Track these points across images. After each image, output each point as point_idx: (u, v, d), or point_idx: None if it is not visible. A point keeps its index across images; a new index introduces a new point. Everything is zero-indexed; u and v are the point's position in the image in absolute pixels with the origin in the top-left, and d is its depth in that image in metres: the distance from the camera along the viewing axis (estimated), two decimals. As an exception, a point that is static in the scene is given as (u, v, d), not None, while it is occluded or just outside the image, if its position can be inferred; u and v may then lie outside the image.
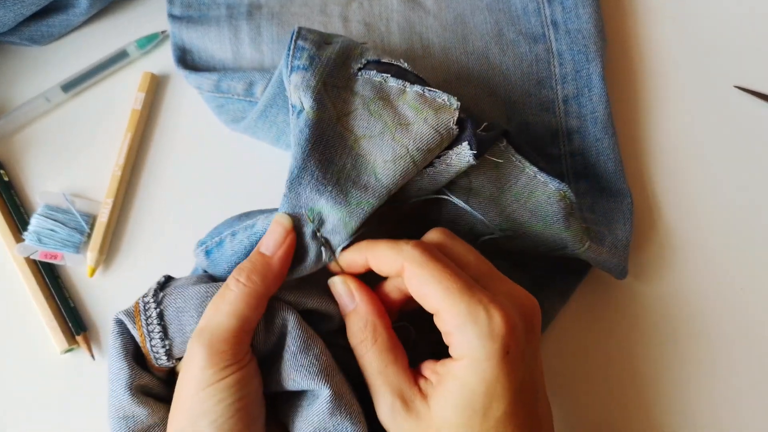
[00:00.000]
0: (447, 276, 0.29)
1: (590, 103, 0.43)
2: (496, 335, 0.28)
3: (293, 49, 0.35)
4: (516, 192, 0.35)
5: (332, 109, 0.34)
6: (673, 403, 0.41)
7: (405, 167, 0.32)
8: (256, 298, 0.30)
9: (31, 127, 0.46)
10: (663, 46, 0.47)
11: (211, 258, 0.34)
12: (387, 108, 0.34)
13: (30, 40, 0.45)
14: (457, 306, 0.29)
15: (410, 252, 0.30)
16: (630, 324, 0.42)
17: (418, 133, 0.33)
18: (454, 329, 0.29)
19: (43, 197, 0.44)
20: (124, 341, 0.32)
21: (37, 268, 0.43)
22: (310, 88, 0.33)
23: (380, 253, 0.31)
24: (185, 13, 0.46)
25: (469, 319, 0.29)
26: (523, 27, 0.45)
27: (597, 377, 0.41)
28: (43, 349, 0.42)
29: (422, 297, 0.30)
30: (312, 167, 0.32)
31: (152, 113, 0.46)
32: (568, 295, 0.41)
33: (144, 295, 0.33)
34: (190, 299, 0.32)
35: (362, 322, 0.31)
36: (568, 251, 0.36)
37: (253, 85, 0.41)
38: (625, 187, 0.42)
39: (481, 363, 0.28)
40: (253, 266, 0.31)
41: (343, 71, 0.35)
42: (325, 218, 0.32)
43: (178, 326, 0.31)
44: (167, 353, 0.31)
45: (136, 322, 0.32)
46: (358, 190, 0.32)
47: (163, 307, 0.32)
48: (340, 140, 0.33)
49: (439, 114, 0.33)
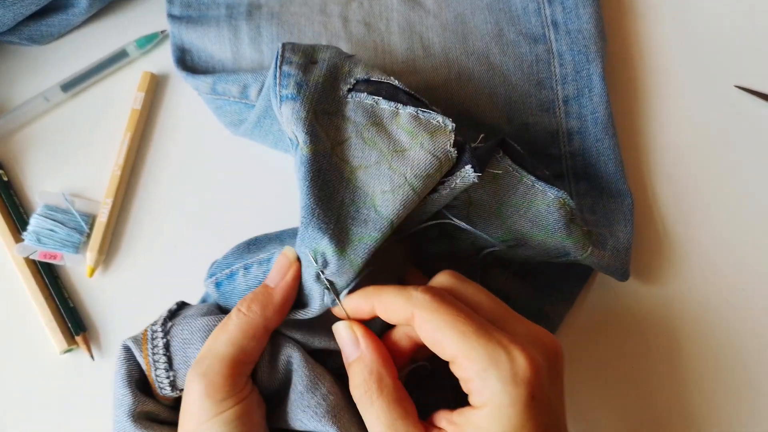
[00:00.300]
0: (461, 319, 0.28)
1: (590, 104, 0.43)
2: (520, 380, 0.26)
3: (279, 76, 0.34)
4: (515, 202, 0.34)
5: (326, 139, 0.33)
6: (677, 405, 0.41)
7: (405, 197, 0.31)
8: (254, 327, 0.30)
9: (30, 126, 0.45)
10: (663, 45, 0.47)
11: (221, 290, 0.34)
12: (381, 134, 0.33)
13: (29, 39, 0.45)
14: (476, 350, 0.27)
15: (420, 297, 0.29)
16: (633, 326, 0.42)
17: (415, 160, 0.32)
18: (474, 375, 0.27)
19: (42, 197, 0.44)
20: (129, 368, 0.32)
21: (36, 268, 0.43)
22: (300, 120, 0.32)
23: (388, 299, 0.30)
24: (185, 13, 0.45)
25: (490, 363, 0.27)
26: (524, 27, 0.45)
27: (601, 380, 0.41)
28: (42, 349, 0.42)
29: (436, 344, 0.28)
30: (313, 205, 0.31)
31: (152, 113, 0.46)
32: (572, 300, 0.41)
33: (153, 322, 0.33)
34: (197, 331, 0.32)
35: (367, 372, 0.29)
36: (570, 258, 0.36)
37: (247, 88, 0.41)
38: (625, 187, 0.42)
39: (505, 410, 0.26)
40: (254, 296, 0.31)
41: (332, 94, 0.34)
42: (329, 259, 0.30)
43: (183, 358, 0.31)
44: (171, 384, 0.31)
45: (143, 350, 0.32)
46: (358, 225, 0.31)
47: (169, 338, 0.32)
48: (336, 173, 0.32)
49: (435, 138, 0.32)
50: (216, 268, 0.35)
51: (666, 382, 0.41)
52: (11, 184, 0.44)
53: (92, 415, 0.41)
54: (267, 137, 0.41)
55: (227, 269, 0.34)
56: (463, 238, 0.36)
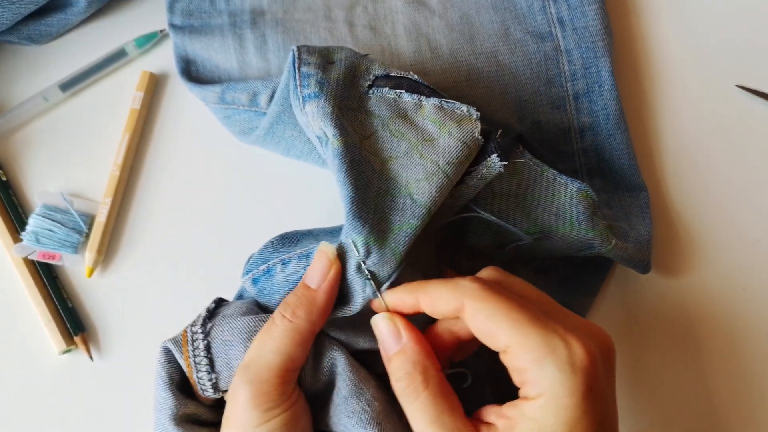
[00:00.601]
0: (515, 307, 0.27)
1: (601, 100, 0.43)
2: (578, 368, 0.26)
3: (299, 77, 0.33)
4: (538, 195, 0.35)
5: (353, 133, 0.33)
6: (697, 399, 0.41)
7: (439, 183, 0.31)
8: (302, 334, 0.29)
9: (29, 126, 0.45)
10: (665, 45, 0.47)
11: (259, 287, 0.33)
12: (408, 126, 0.33)
13: (28, 39, 0.45)
14: (532, 338, 0.26)
15: (470, 286, 0.28)
16: (654, 318, 0.42)
17: (446, 147, 0.32)
18: (530, 363, 0.26)
19: (41, 197, 0.43)
20: (170, 370, 0.31)
21: (35, 269, 0.43)
22: (327, 115, 0.32)
23: (435, 291, 0.29)
24: (186, 22, 0.45)
25: (547, 351, 0.26)
26: (530, 26, 0.45)
27: (623, 375, 0.41)
28: (41, 350, 0.42)
29: (489, 334, 0.27)
30: (353, 194, 0.30)
31: (151, 113, 0.45)
32: (594, 292, 0.41)
33: (193, 323, 0.32)
34: (238, 332, 0.31)
35: (410, 364, 0.28)
36: (594, 251, 0.36)
37: (257, 95, 0.41)
38: (640, 181, 0.42)
39: (562, 400, 0.25)
40: (298, 301, 0.30)
41: (353, 91, 0.34)
42: (371, 248, 0.30)
43: (224, 360, 0.31)
44: (213, 386, 0.31)
45: (184, 351, 0.31)
46: (397, 214, 0.31)
47: (210, 339, 0.31)
48: (368, 165, 0.32)
49: (462, 126, 0.33)
50: (252, 264, 0.34)
51: (687, 375, 0.41)
52: (10, 184, 0.44)
53: (90, 416, 0.41)
54: (279, 144, 0.41)
55: (264, 265, 0.33)
56: (485, 234, 0.36)
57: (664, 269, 0.43)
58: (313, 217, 0.43)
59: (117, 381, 0.42)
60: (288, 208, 0.44)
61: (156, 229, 0.44)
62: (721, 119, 0.45)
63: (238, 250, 0.43)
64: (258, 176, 0.44)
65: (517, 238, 0.35)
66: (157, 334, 0.42)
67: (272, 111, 0.38)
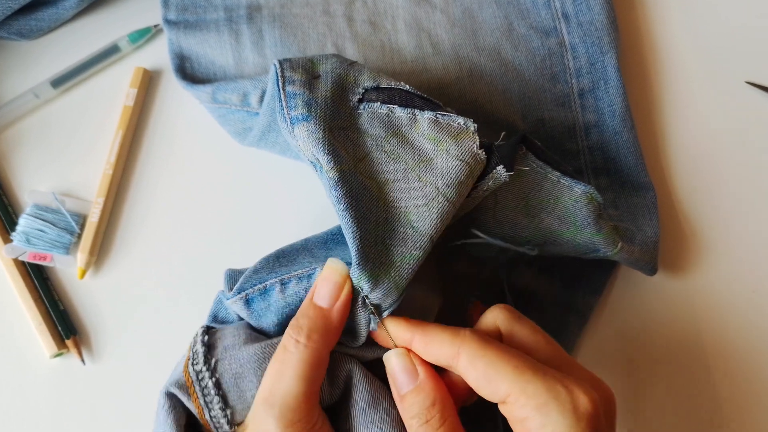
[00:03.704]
0: (515, 355, 0.27)
1: (607, 96, 0.43)
2: (582, 414, 0.25)
3: (284, 98, 0.32)
4: (541, 199, 0.34)
5: (347, 156, 0.31)
6: (705, 404, 0.40)
7: (440, 209, 0.30)
8: (319, 357, 0.29)
9: (19, 124, 0.45)
10: (673, 40, 0.46)
11: (253, 308, 0.32)
12: (403, 145, 0.32)
13: (18, 34, 0.45)
14: (533, 384, 0.26)
15: (469, 336, 0.28)
16: (660, 320, 0.42)
17: (444, 168, 0.31)
18: (533, 411, 0.26)
19: (31, 196, 0.43)
20: (176, 416, 0.30)
21: (25, 270, 0.42)
22: (319, 141, 0.31)
23: (433, 333, 0.29)
24: (181, 17, 0.44)
25: (550, 397, 0.26)
26: (534, 21, 0.44)
27: (632, 377, 0.41)
28: (31, 353, 0.41)
29: (488, 381, 0.27)
30: (354, 229, 0.29)
31: (144, 110, 0.45)
32: (600, 290, 0.41)
33: (193, 361, 0.31)
34: (247, 363, 0.30)
35: (429, 401, 0.28)
36: (600, 254, 0.35)
37: (247, 96, 0.40)
38: (647, 180, 0.41)
39: None
40: (312, 323, 0.29)
41: (342, 108, 0.33)
42: (374, 283, 0.29)
43: (237, 393, 0.30)
44: (229, 422, 0.30)
45: (191, 393, 0.30)
46: (398, 245, 0.30)
47: (218, 375, 0.30)
48: (365, 192, 0.31)
49: (460, 142, 0.31)
50: (245, 283, 0.32)
51: (697, 375, 0.41)
52: (0, 183, 0.43)
53: (82, 421, 0.41)
54: (274, 147, 0.40)
55: (260, 284, 0.32)
56: (489, 248, 0.35)
57: (671, 270, 0.42)
58: (309, 215, 0.43)
59: (109, 385, 0.41)
60: (285, 207, 0.43)
61: (150, 229, 0.43)
62: (730, 116, 0.45)
63: (234, 251, 0.42)
64: (254, 175, 0.44)
65: (522, 252, 0.35)
66: (150, 337, 0.42)
67: (261, 121, 0.37)
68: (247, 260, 0.41)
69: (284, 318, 0.31)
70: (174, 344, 0.41)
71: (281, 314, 0.31)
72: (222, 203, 0.43)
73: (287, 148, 0.40)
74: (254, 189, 0.43)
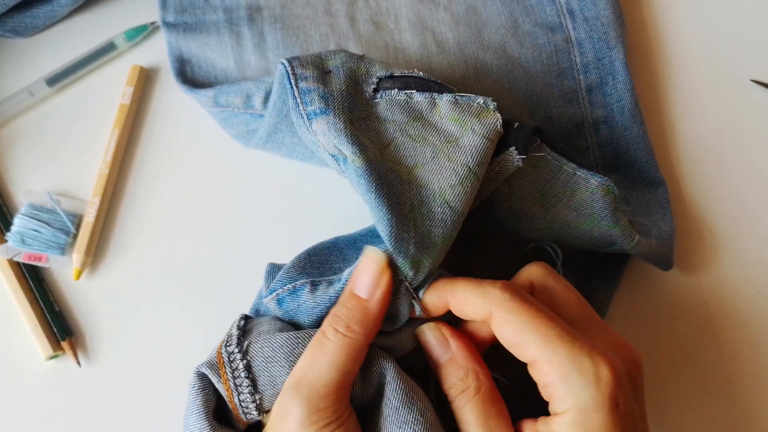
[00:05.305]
0: (544, 322, 0.27)
1: (615, 92, 0.42)
2: (604, 385, 0.26)
3: (299, 95, 0.32)
4: (557, 191, 0.34)
5: (371, 145, 0.31)
6: (719, 401, 0.40)
7: (472, 186, 0.30)
8: (358, 349, 0.29)
9: (14, 122, 0.44)
10: (679, 38, 0.46)
11: (284, 307, 0.32)
12: (427, 128, 0.32)
13: (13, 31, 0.44)
14: (559, 354, 0.27)
15: (499, 296, 0.28)
16: (674, 316, 0.41)
17: (472, 147, 0.31)
18: (557, 380, 0.27)
19: (27, 196, 0.43)
20: (205, 398, 0.30)
21: (20, 271, 0.42)
22: (341, 132, 0.30)
23: (463, 295, 0.29)
24: (180, 19, 0.44)
25: (574, 367, 0.26)
26: (539, 17, 0.44)
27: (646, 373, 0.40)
28: (26, 355, 0.41)
29: (516, 346, 0.28)
30: (389, 216, 0.29)
31: (141, 108, 0.45)
32: (618, 280, 0.40)
33: (226, 343, 0.30)
34: (279, 348, 0.30)
35: (462, 371, 0.29)
36: (616, 248, 0.35)
37: (250, 98, 0.39)
38: (658, 176, 0.41)
39: (589, 416, 0.26)
40: (352, 314, 0.29)
41: (359, 99, 0.33)
42: (416, 268, 0.29)
43: (268, 378, 0.29)
44: (258, 407, 0.29)
45: (222, 375, 0.29)
46: (437, 226, 0.30)
47: (250, 358, 0.30)
48: (395, 177, 0.31)
49: (483, 120, 0.32)
50: (277, 284, 0.32)
51: (713, 371, 0.40)
52: (-6, 183, 0.43)
53: (78, 424, 0.40)
54: (280, 148, 0.40)
55: (290, 284, 0.31)
56: (505, 231, 0.35)
57: (683, 266, 0.42)
58: (310, 216, 0.42)
59: (105, 387, 0.41)
60: (284, 207, 0.43)
61: (146, 230, 0.43)
62: (735, 114, 0.45)
63: (232, 252, 0.42)
64: (253, 175, 0.43)
65: (544, 248, 0.35)
66: (147, 339, 0.41)
67: (268, 122, 0.37)
68: (246, 261, 0.41)
69: (315, 318, 0.31)
70: (170, 346, 0.41)
71: (312, 314, 0.31)
72: (220, 203, 0.43)
73: (294, 149, 0.39)
74: (253, 189, 0.43)
